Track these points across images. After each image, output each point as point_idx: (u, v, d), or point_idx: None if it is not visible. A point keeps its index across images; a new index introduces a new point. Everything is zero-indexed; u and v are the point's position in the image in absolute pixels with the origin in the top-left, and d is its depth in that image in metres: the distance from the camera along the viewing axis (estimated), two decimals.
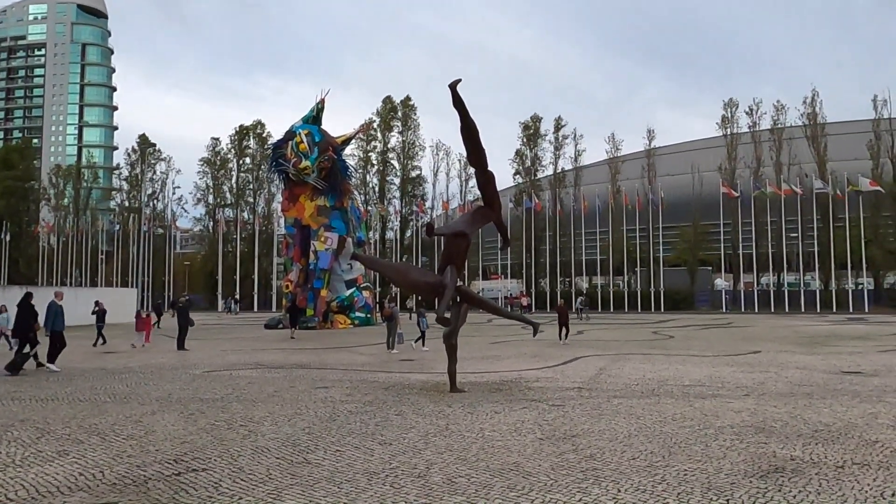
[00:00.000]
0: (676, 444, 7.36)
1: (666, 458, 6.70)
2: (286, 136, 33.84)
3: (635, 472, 6.17)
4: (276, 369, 15.01)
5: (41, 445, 7.36)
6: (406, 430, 8.13)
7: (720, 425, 8.36)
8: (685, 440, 7.53)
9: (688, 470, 6.27)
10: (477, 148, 11.39)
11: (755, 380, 12.78)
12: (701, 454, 6.88)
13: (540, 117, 69.74)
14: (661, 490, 5.63)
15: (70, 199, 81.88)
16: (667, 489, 5.66)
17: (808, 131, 62.20)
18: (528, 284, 63.57)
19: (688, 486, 5.74)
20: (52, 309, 15.28)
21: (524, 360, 17.13)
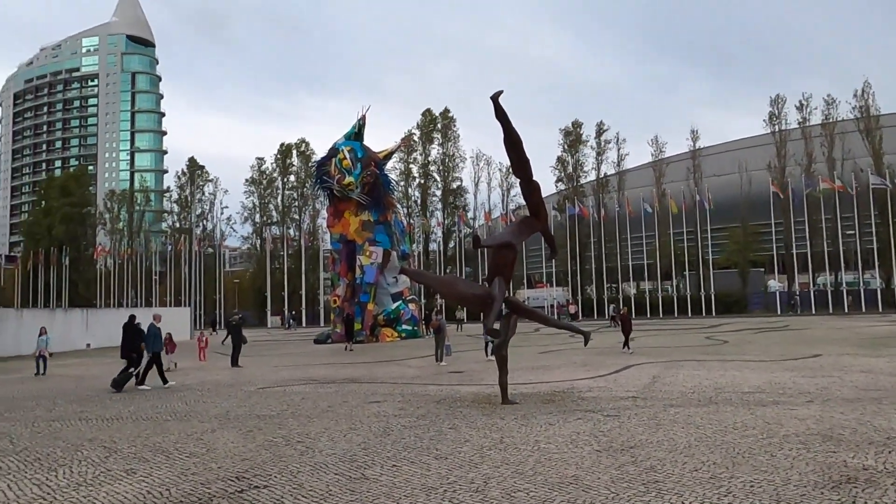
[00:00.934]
0: (740, 454, 7.16)
1: (730, 469, 6.52)
2: (329, 154, 34.43)
3: (699, 485, 6.02)
4: (328, 384, 15.19)
5: (110, 464, 7.61)
6: (461, 444, 8.12)
7: (785, 434, 8.09)
8: (749, 450, 7.31)
9: (754, 481, 6.09)
10: (521, 158, 11.37)
11: (818, 385, 12.35)
12: (767, 464, 6.67)
13: (581, 122, 69.36)
14: (728, 503, 5.48)
15: (124, 222, 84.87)
16: (733, 502, 5.50)
17: (861, 125, 60.10)
18: (575, 292, 62.91)
19: (755, 499, 5.57)
20: (152, 331, 16.17)
21: (575, 369, 16.93)
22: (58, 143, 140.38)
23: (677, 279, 62.39)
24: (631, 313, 23.98)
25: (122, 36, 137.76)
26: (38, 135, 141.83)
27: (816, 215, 56.73)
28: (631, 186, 67.02)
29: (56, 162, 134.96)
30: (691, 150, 66.40)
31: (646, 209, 60.22)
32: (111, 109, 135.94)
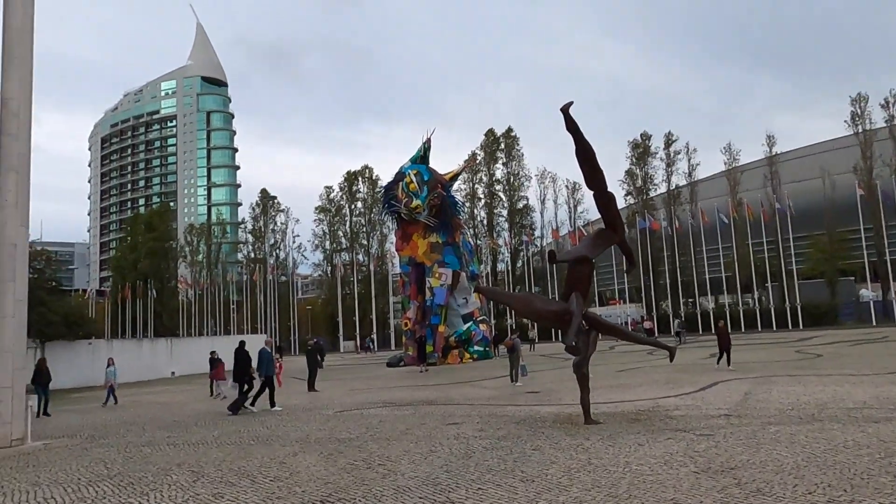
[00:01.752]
0: (857, 475, 6.55)
1: (849, 492, 5.95)
2: (396, 178, 34.81)
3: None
4: (405, 406, 15.09)
5: (198, 488, 7.69)
6: (547, 466, 7.80)
7: None
8: (866, 471, 6.69)
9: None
10: (594, 170, 11.05)
11: None
12: (891, 486, 6.06)
13: (649, 134, 67.88)
14: None
15: (203, 254, 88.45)
16: None
17: None
18: (649, 308, 61.03)
19: None
20: (264, 355, 16.79)
21: (657, 386, 16.24)
22: (141, 182, 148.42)
23: (759, 291, 59.52)
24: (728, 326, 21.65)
25: (197, 78, 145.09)
26: (123, 175, 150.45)
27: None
28: (704, 197, 64.81)
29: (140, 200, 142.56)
30: (768, 156, 63.73)
31: (721, 220, 57.97)
32: (188, 148, 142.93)
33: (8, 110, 12.76)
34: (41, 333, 30.14)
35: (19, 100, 12.84)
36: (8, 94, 12.79)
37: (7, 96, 12.79)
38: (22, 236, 12.66)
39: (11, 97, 12.78)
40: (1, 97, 12.86)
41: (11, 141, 12.69)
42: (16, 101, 12.79)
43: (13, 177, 12.51)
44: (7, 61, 12.88)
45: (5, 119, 12.76)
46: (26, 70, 13.07)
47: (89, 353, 33.65)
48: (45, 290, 31.30)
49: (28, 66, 13.13)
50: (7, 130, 12.73)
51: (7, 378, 12.03)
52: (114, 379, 21.65)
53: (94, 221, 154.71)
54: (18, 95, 12.84)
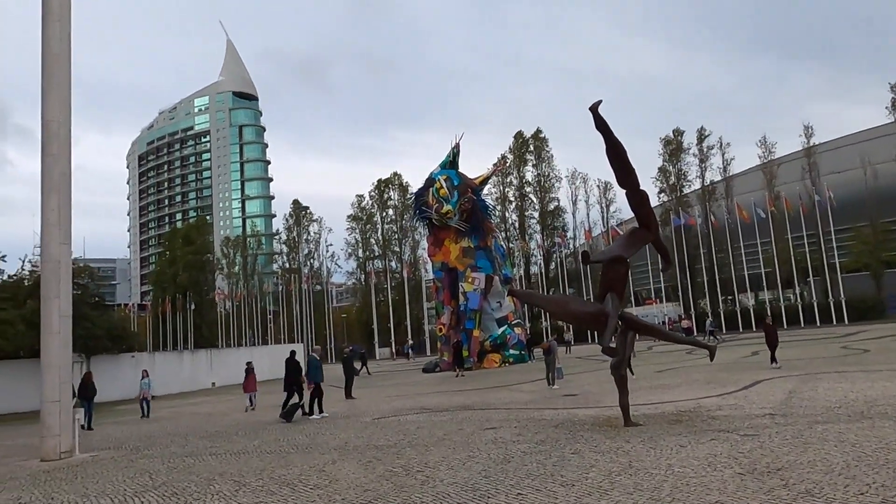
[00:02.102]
0: None
1: None
2: (426, 184, 34.90)
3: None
4: (441, 412, 15.07)
5: (240, 497, 7.79)
6: (587, 470, 7.70)
7: None
8: None
9: None
10: (626, 168, 10.91)
11: None
12: None
13: (682, 131, 66.85)
14: None
15: (239, 266, 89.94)
16: None
17: None
18: (686, 306, 59.98)
19: None
20: (314, 363, 17.26)
21: (698, 386, 15.94)
22: (178, 197, 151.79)
23: (800, 286, 58.02)
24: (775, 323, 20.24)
25: (228, 93, 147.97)
26: (160, 191, 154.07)
27: None
28: (739, 192, 63.51)
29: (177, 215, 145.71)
30: (805, 148, 62.13)
31: (758, 214, 56.70)
32: (222, 162, 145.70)
33: (49, 132, 13.17)
34: (86, 347, 30.92)
35: (59, 121, 13.24)
36: (49, 116, 13.20)
37: (48, 118, 13.20)
38: (65, 254, 13.03)
39: (52, 119, 13.19)
40: (42, 119, 13.29)
41: (53, 162, 13.09)
42: (56, 123, 13.19)
43: (55, 196, 12.89)
44: (47, 85, 13.30)
45: (47, 140, 13.17)
46: (65, 93, 13.47)
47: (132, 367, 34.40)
48: (88, 305, 32.11)
49: (66, 89, 13.54)
50: (49, 151, 13.13)
51: (55, 392, 12.37)
52: (148, 390, 22.07)
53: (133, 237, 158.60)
54: (58, 117, 13.24)
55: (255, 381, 21.62)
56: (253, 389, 21.25)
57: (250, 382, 21.46)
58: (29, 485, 9.90)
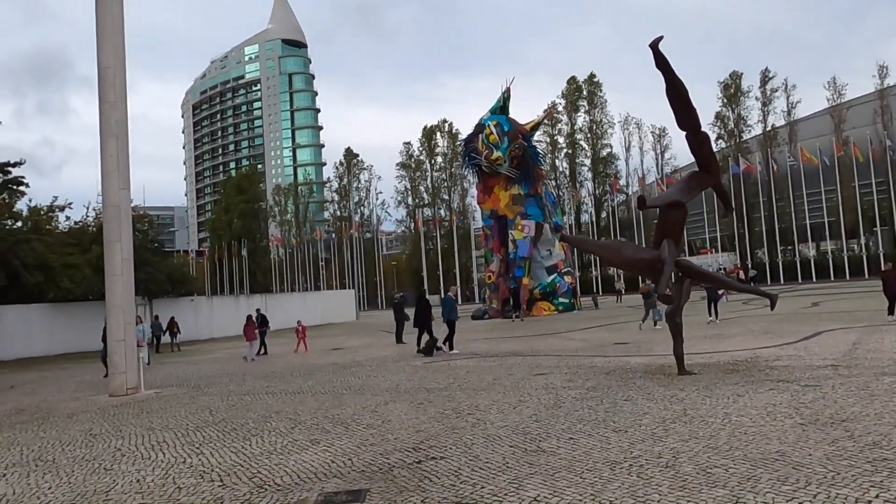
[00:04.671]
0: None
1: None
2: (476, 130, 34.37)
3: None
4: (491, 357, 15.16)
5: (296, 435, 8.02)
6: (640, 417, 7.60)
7: None
8: None
9: None
10: (686, 108, 10.40)
11: None
12: None
13: (740, 73, 63.82)
14: None
15: (291, 214, 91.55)
16: None
17: None
18: (743, 256, 58.34)
19: None
20: (449, 302, 18.12)
21: (755, 337, 15.54)
22: (230, 146, 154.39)
23: (866, 237, 55.55)
24: None
25: (277, 41, 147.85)
26: (214, 140, 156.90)
27: None
28: (804, 137, 60.55)
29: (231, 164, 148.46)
30: (878, 90, 58.52)
31: (824, 161, 54.07)
32: (273, 111, 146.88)
33: (105, 79, 13.37)
34: (148, 291, 32.22)
35: (115, 68, 13.41)
36: (104, 64, 13.38)
37: (103, 65, 13.38)
38: (124, 199, 13.39)
39: (107, 66, 13.36)
40: (98, 67, 13.48)
41: (110, 108, 13.32)
42: (111, 70, 13.36)
43: (113, 143, 13.17)
44: (101, 32, 13.44)
45: (103, 88, 13.39)
46: (118, 40, 13.59)
47: (192, 309, 35.79)
48: (149, 250, 33.31)
49: (120, 36, 13.65)
50: (106, 98, 13.36)
51: (120, 331, 12.92)
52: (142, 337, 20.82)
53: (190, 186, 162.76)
54: (113, 64, 13.40)
55: (254, 330, 20.71)
56: (253, 338, 20.43)
57: (249, 331, 20.53)
58: (99, 418, 10.45)
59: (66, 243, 31.65)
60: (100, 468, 7.01)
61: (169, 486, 6.10)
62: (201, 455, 7.26)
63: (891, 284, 17.09)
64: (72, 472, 6.95)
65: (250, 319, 21.05)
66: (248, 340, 20.34)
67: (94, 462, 7.32)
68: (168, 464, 6.99)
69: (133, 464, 7.11)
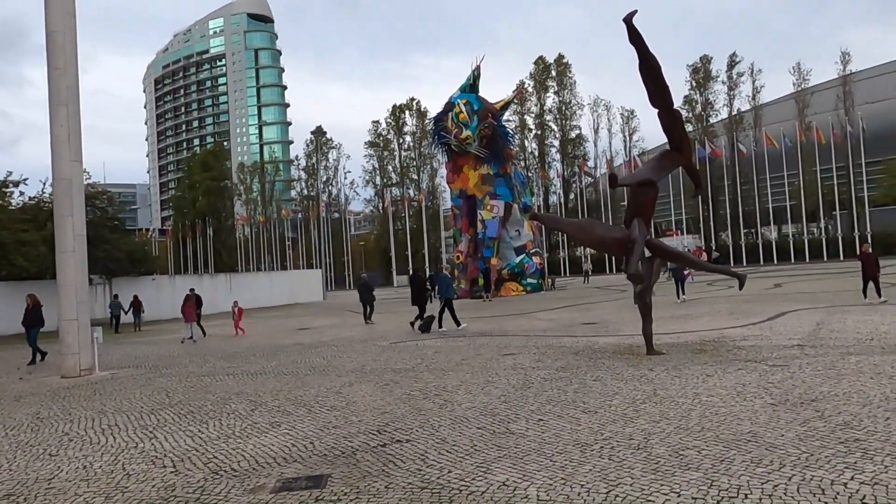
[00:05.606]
0: None
1: None
2: (445, 108, 33.92)
3: None
4: (459, 338, 14.97)
5: (256, 417, 7.70)
6: (610, 397, 7.47)
7: None
8: None
9: None
10: (659, 86, 10.22)
11: None
12: None
13: (710, 58, 64.22)
14: None
15: (258, 192, 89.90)
16: None
17: None
18: (708, 239, 59.22)
19: None
20: (445, 281, 18.06)
21: (721, 317, 15.65)
22: (195, 122, 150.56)
23: (826, 220, 56.80)
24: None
25: (243, 15, 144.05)
26: (177, 116, 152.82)
27: None
28: (769, 122, 61.45)
29: (195, 140, 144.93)
30: (841, 76, 59.52)
31: (786, 144, 54.91)
32: (238, 87, 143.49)
33: (54, 44, 12.64)
34: (107, 270, 31.27)
35: (64, 32, 12.67)
36: (52, 27, 12.63)
37: (52, 29, 12.64)
38: (76, 172, 12.74)
39: (56, 30, 12.62)
40: (46, 31, 12.72)
41: (59, 75, 12.62)
42: (60, 34, 12.63)
43: (63, 111, 12.49)
44: None
45: (52, 53, 12.66)
46: (68, 1, 12.82)
47: (153, 289, 34.91)
48: (108, 228, 32.27)
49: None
50: (55, 65, 12.65)
51: (72, 310, 12.36)
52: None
53: (153, 163, 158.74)
54: (63, 27, 12.66)
55: (193, 311, 19.70)
56: (192, 319, 19.41)
57: (188, 311, 19.56)
58: (48, 400, 9.98)
59: (20, 220, 30.39)
60: (44, 454, 6.62)
61: (117, 473, 5.76)
62: (154, 439, 6.91)
63: (870, 266, 16.91)
64: (14, 458, 6.55)
65: (188, 299, 20.11)
66: (187, 321, 19.41)
67: (39, 447, 6.91)
68: (118, 449, 6.62)
69: (80, 449, 6.73)
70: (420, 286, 18.51)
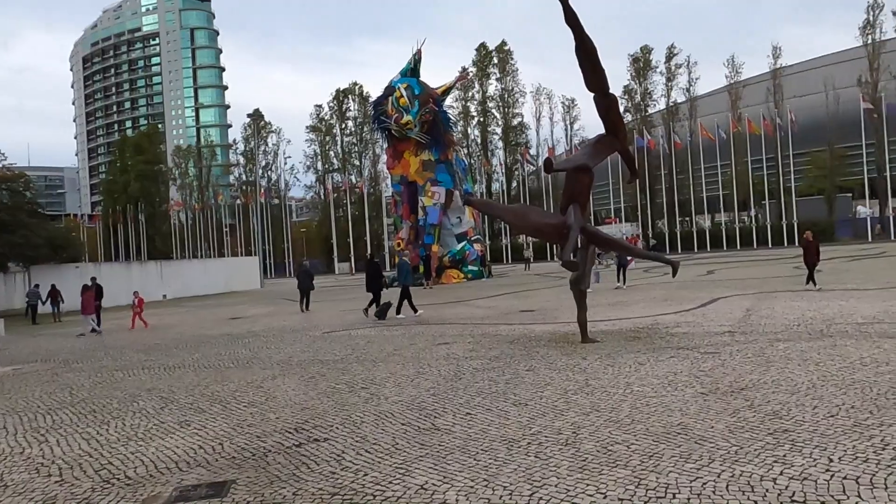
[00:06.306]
0: (880, 395, 5.98)
1: (875, 415, 5.37)
2: (386, 92, 33.20)
3: (842, 434, 4.92)
4: (395, 327, 14.59)
5: (164, 416, 7.13)
6: (541, 388, 7.24)
7: None
8: (890, 390, 6.12)
9: None
10: (595, 69, 10.00)
11: None
12: None
13: (650, 48, 65.21)
14: (890, 458, 4.37)
15: (194, 177, 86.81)
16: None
17: None
18: (645, 226, 60.48)
19: None
20: (404, 267, 17.98)
21: (655, 304, 15.75)
22: (126, 103, 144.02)
23: (756, 209, 58.82)
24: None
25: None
26: (108, 96, 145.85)
27: None
28: (704, 113, 62.96)
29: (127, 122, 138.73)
30: (772, 70, 61.47)
31: (720, 136, 56.43)
32: (173, 67, 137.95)
33: None
34: (25, 257, 29.48)
35: None
36: None
37: None
38: None
39: None
40: None
41: None
42: None
43: None
44: None
45: None
46: None
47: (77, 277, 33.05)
48: (25, 212, 30.39)
49: None
50: None
51: None
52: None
53: (81, 145, 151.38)
54: None
55: (91, 302, 18.18)
56: (90, 312, 18.01)
57: (86, 303, 18.06)
58: None
59: None
60: None
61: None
62: (45, 444, 6.28)
63: (811, 253, 16.97)
64: None
65: (87, 289, 18.53)
66: (85, 313, 17.85)
67: None
68: (1, 455, 5.97)
69: None
70: (375, 273, 18.21)
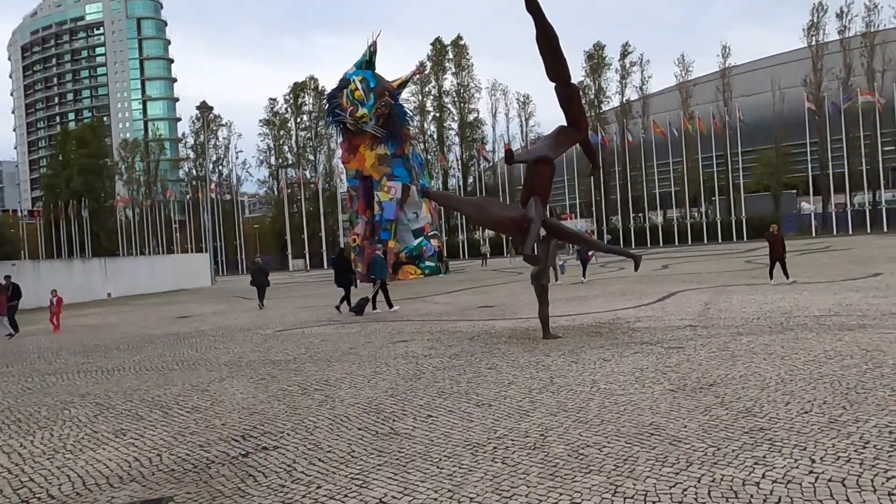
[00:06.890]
0: (850, 389, 5.86)
1: (850, 410, 5.23)
2: (340, 85, 32.49)
3: (820, 432, 4.74)
4: (350, 324, 14.12)
5: (98, 425, 6.55)
6: (505, 387, 6.93)
7: (894, 362, 6.76)
8: (859, 384, 6.01)
9: (890, 424, 4.79)
10: (556, 57, 9.74)
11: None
12: (893, 401, 5.36)
13: (604, 45, 65.85)
14: (872, 457, 4.19)
15: (141, 172, 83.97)
16: (879, 455, 4.21)
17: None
18: (600, 222, 61.15)
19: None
20: (378, 262, 17.58)
21: (614, 298, 15.67)
22: (69, 95, 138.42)
23: (706, 205, 60.13)
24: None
25: None
26: (49, 87, 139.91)
27: (855, 132, 53.62)
28: (657, 111, 64.03)
29: (70, 114, 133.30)
30: (721, 69, 62.84)
31: (672, 133, 57.44)
32: (119, 58, 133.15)
33: None
34: None
35: None
36: None
37: None
38: None
39: None
40: None
41: None
42: None
43: None
44: None
45: None
46: None
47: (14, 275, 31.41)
48: None
49: None
50: None
51: None
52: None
53: (20, 138, 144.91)
54: None
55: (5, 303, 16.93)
56: (2, 313, 16.73)
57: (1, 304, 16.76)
58: None
59: None
60: None
61: None
62: None
63: (776, 247, 16.77)
64: None
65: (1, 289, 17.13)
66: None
67: None
68: None
69: None
70: (345, 268, 17.87)
